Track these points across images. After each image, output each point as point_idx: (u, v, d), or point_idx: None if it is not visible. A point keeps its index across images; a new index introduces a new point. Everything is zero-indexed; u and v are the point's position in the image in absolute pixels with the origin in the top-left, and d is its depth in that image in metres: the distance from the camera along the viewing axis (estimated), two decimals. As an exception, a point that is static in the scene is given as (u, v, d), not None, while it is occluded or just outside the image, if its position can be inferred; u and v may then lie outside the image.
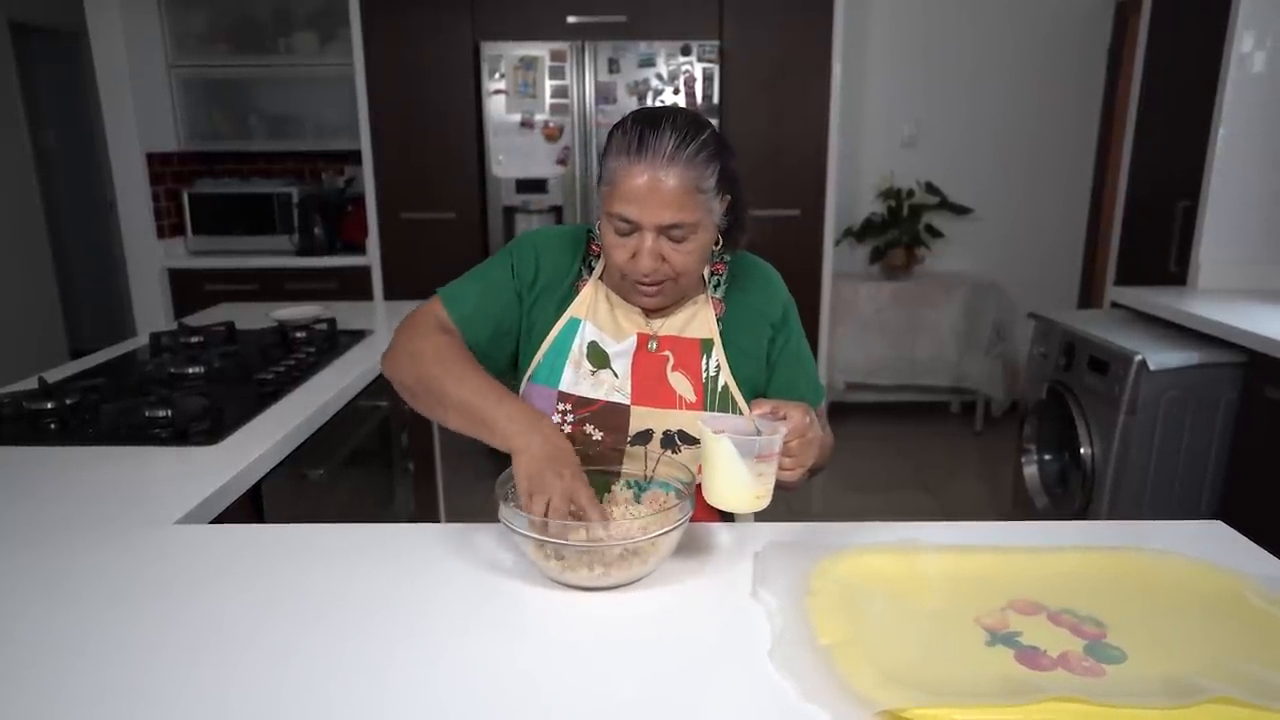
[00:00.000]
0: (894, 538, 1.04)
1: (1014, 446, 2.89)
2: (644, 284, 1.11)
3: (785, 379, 1.23)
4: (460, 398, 1.06)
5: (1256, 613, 0.89)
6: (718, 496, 0.99)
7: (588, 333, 1.18)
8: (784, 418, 0.99)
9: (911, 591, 0.94)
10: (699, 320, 1.20)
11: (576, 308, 1.19)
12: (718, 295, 1.22)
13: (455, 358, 1.11)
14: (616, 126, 1.09)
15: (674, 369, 1.18)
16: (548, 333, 1.19)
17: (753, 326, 1.22)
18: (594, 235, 1.23)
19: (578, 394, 1.16)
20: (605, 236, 1.11)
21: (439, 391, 1.08)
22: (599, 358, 1.18)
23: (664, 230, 1.06)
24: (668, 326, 1.19)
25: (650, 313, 1.19)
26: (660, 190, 1.04)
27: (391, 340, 1.17)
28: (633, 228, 1.07)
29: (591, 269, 1.21)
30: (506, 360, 1.22)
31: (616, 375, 1.17)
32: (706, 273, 1.22)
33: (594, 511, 0.95)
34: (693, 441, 1.16)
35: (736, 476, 0.96)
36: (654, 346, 1.18)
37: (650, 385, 1.17)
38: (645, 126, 1.05)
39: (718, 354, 1.19)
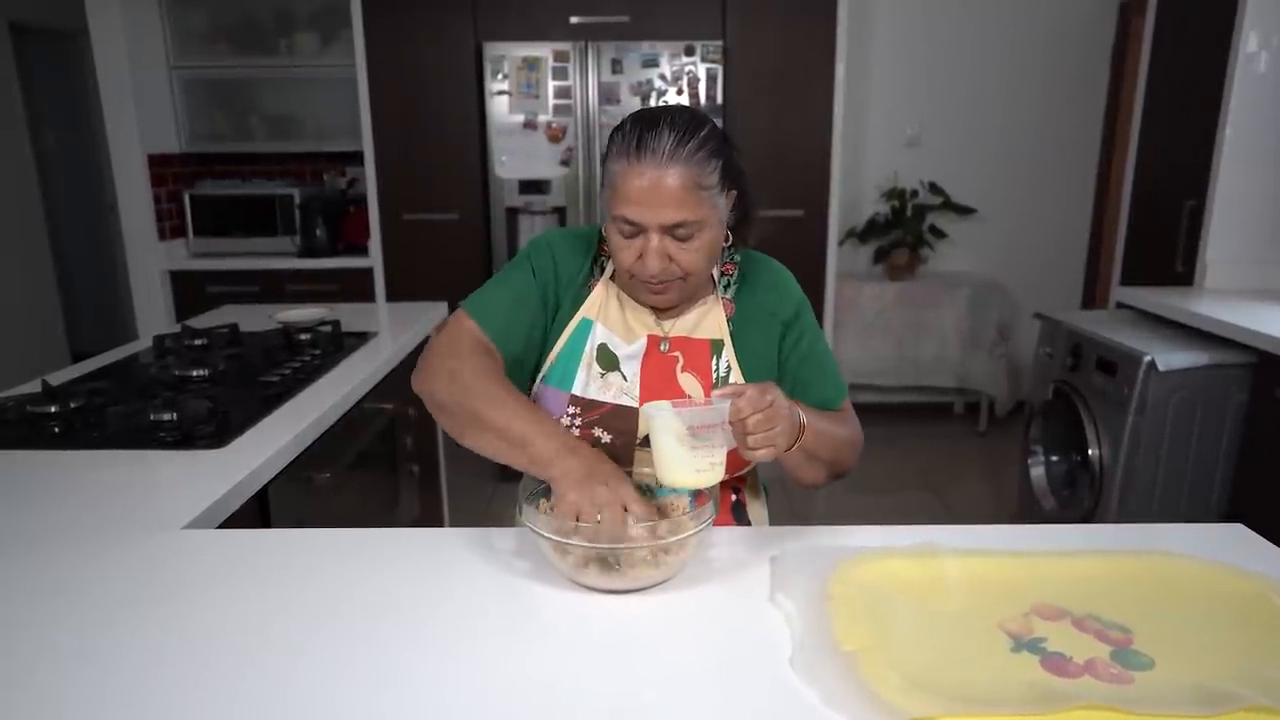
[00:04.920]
0: (911, 541, 1.03)
1: (1018, 447, 2.87)
2: (651, 283, 1.11)
3: (800, 377, 1.22)
4: (498, 421, 1.05)
5: (1283, 617, 0.88)
6: (658, 473, 0.98)
7: (598, 334, 1.18)
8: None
9: (932, 596, 0.92)
10: (709, 320, 1.19)
11: (588, 308, 1.19)
12: (728, 295, 1.21)
13: (492, 379, 1.09)
14: (616, 129, 1.09)
15: (684, 370, 1.17)
16: (561, 333, 1.18)
17: (763, 326, 1.20)
18: (604, 236, 1.22)
19: (587, 397, 1.16)
20: (611, 239, 1.11)
21: (478, 414, 1.06)
22: (608, 360, 1.17)
23: (668, 230, 1.06)
24: (678, 327, 1.19)
25: (660, 313, 1.19)
26: (662, 190, 1.03)
27: (424, 357, 1.15)
28: (637, 229, 1.07)
29: (603, 269, 1.21)
30: (534, 367, 1.21)
31: (626, 378, 1.16)
32: (716, 273, 1.21)
33: (648, 515, 0.97)
34: None
35: (670, 450, 0.95)
36: (665, 348, 1.18)
37: (659, 387, 1.16)
38: (643, 127, 1.05)
39: (728, 354, 1.18)
